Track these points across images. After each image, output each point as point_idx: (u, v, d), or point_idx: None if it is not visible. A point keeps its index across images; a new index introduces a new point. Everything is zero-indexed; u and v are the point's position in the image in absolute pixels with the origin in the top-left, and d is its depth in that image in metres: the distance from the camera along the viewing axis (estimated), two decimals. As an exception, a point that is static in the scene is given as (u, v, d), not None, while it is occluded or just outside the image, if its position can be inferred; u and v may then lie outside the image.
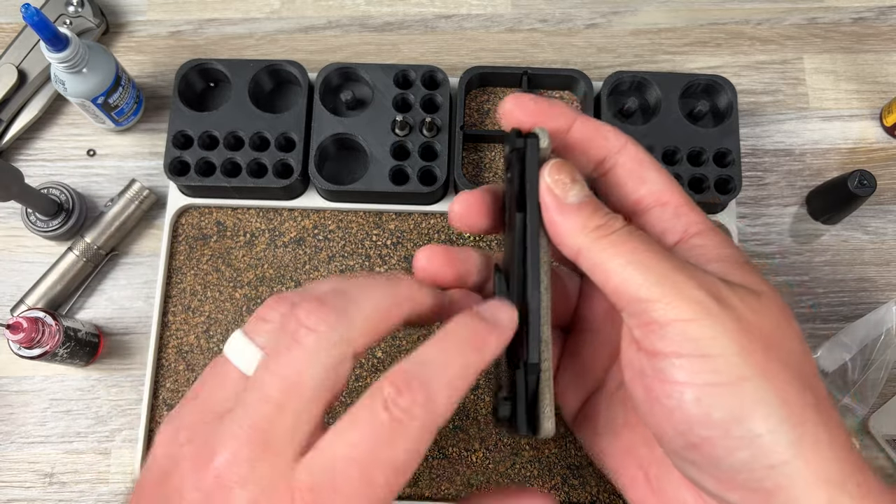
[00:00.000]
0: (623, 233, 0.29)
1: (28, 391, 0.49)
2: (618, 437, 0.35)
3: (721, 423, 0.27)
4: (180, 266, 0.49)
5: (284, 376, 0.25)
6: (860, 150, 0.54)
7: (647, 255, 0.28)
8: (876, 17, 0.56)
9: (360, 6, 0.57)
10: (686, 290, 0.27)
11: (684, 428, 0.28)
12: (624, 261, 0.28)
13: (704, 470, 0.28)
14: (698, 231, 0.31)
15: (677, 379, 0.27)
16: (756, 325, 0.27)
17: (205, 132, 0.49)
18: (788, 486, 0.26)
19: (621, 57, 0.56)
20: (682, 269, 0.28)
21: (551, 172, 0.29)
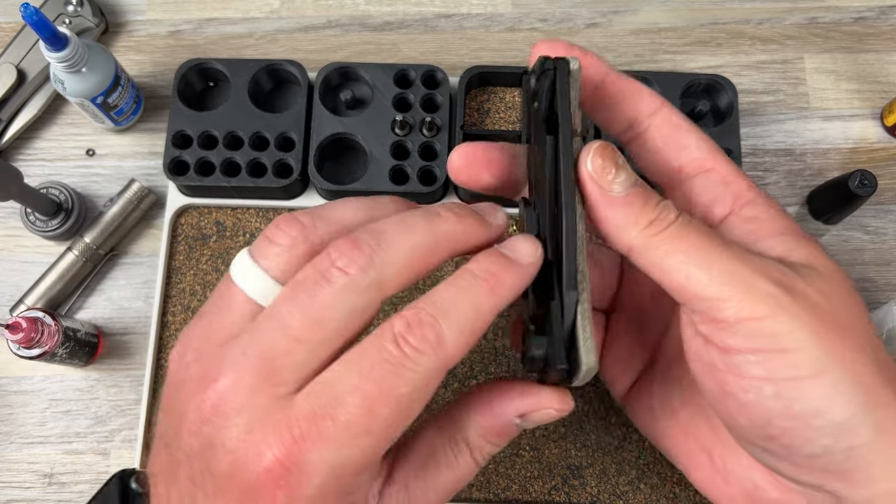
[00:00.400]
0: (678, 226, 0.27)
1: (27, 391, 0.49)
2: (676, 418, 0.33)
3: (802, 414, 0.26)
4: (180, 266, 0.49)
5: (307, 312, 0.25)
6: (861, 149, 0.54)
7: (707, 250, 0.26)
8: (877, 16, 0.56)
9: (359, 6, 0.57)
10: (756, 286, 0.26)
11: (763, 421, 0.27)
12: (684, 258, 0.26)
13: (782, 457, 0.28)
14: (749, 200, 0.29)
15: (755, 374, 0.26)
16: (829, 310, 0.26)
17: (204, 132, 0.49)
18: (868, 465, 0.26)
19: (622, 56, 0.56)
20: (747, 262, 0.26)
21: (593, 158, 0.27)
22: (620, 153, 0.28)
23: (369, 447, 0.24)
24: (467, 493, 0.46)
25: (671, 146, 0.30)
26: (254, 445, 0.24)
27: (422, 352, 0.24)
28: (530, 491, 0.46)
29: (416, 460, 0.28)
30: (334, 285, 0.25)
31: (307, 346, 0.24)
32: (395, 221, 0.26)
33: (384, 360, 0.24)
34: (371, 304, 0.25)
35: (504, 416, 0.27)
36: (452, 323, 0.25)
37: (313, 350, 0.24)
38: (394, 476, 0.28)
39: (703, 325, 0.27)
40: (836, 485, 0.27)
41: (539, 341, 0.26)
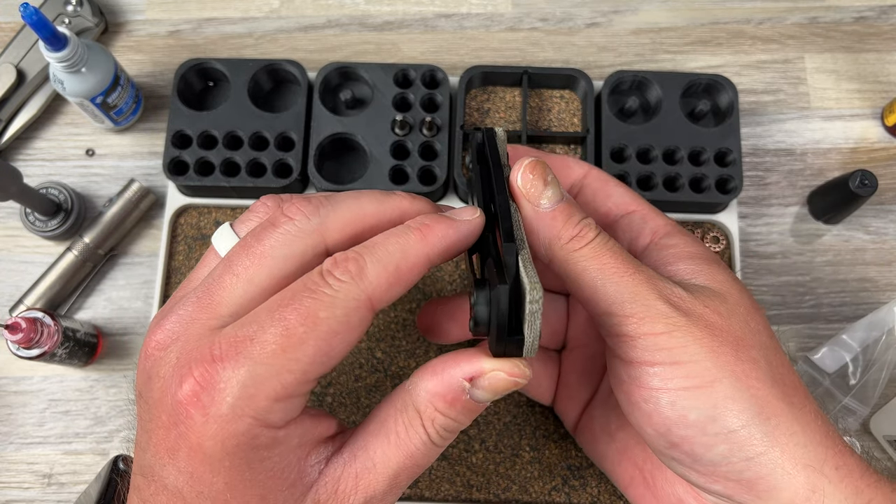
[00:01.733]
0: (595, 245, 0.30)
1: (26, 391, 0.49)
2: (613, 440, 0.36)
3: (697, 422, 0.28)
4: (179, 266, 0.49)
5: (251, 251, 0.27)
6: (861, 149, 0.54)
7: (617, 271, 0.29)
8: (877, 16, 0.56)
9: (359, 5, 0.57)
10: (655, 307, 0.28)
11: (663, 429, 0.29)
12: (596, 276, 0.29)
13: (687, 465, 0.30)
14: (667, 232, 0.33)
15: (652, 385, 0.29)
16: (724, 327, 0.29)
17: (204, 132, 0.49)
18: (767, 474, 0.28)
19: (622, 56, 0.56)
20: (652, 285, 0.29)
21: (524, 173, 0.30)
22: (550, 170, 0.30)
23: (284, 369, 0.24)
24: (467, 494, 0.46)
25: (600, 196, 0.35)
26: (178, 370, 0.25)
27: (343, 281, 0.25)
28: (530, 491, 0.46)
29: (367, 430, 0.28)
30: (278, 229, 0.27)
31: (244, 280, 0.26)
32: (352, 191, 0.29)
33: (306, 288, 0.25)
34: (311, 249, 0.27)
35: (452, 379, 0.27)
36: (376, 259, 0.26)
37: (249, 284, 0.26)
38: (344, 446, 0.28)
39: (609, 338, 0.30)
40: (743, 496, 0.29)
41: (481, 305, 0.26)
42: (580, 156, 0.51)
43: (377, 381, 0.47)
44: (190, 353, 0.25)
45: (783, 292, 0.51)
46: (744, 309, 0.30)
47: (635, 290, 0.29)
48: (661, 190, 0.48)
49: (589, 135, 0.49)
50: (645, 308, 0.28)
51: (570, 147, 0.51)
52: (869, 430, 0.48)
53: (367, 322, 0.26)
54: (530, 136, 0.50)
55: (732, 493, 0.29)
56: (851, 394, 0.47)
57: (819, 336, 0.50)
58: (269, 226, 0.27)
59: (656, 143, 0.48)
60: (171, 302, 0.28)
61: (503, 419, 0.47)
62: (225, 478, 0.24)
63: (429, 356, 0.48)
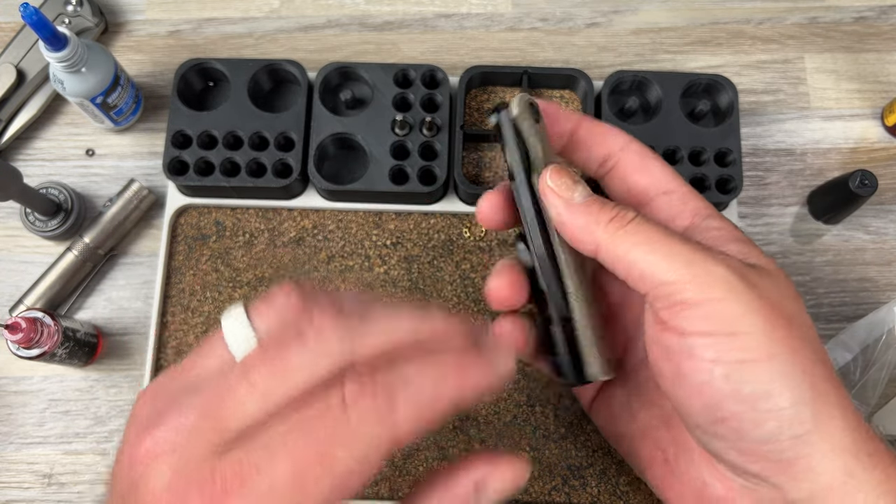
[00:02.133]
0: (638, 221, 0.29)
1: (27, 391, 0.49)
2: (634, 420, 0.35)
3: (750, 397, 0.27)
4: (179, 266, 0.49)
5: (272, 366, 0.24)
6: (861, 149, 0.54)
7: (666, 241, 0.29)
8: (877, 16, 0.56)
9: (359, 5, 0.57)
10: (714, 271, 0.28)
11: (713, 403, 0.28)
12: (646, 248, 0.29)
13: (730, 442, 0.29)
14: (707, 215, 0.32)
15: (707, 357, 0.28)
16: (778, 302, 0.28)
17: (204, 132, 0.49)
18: (808, 454, 0.27)
19: (622, 56, 0.56)
20: (705, 251, 0.29)
21: (552, 177, 0.30)
22: (576, 173, 0.31)
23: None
24: (467, 494, 0.46)
25: (637, 172, 0.33)
26: (175, 493, 0.22)
27: (367, 416, 0.22)
28: (530, 491, 0.46)
29: None
30: (306, 346, 0.24)
31: (260, 394, 0.23)
32: (386, 308, 0.26)
33: (325, 418, 0.22)
34: (336, 368, 0.24)
35: (459, 484, 0.26)
36: (407, 397, 0.23)
37: (265, 399, 0.23)
38: None
39: (664, 310, 0.29)
40: (779, 477, 0.28)
41: (556, 359, 0.31)
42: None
43: (377, 381, 0.47)
44: (189, 476, 0.22)
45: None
46: (792, 291, 0.30)
47: (691, 256, 0.28)
48: (661, 190, 0.48)
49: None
50: (704, 272, 0.28)
51: (570, 147, 0.51)
52: (869, 429, 0.48)
53: (388, 456, 0.23)
54: (530, 136, 0.50)
55: (770, 473, 0.28)
56: (852, 394, 0.47)
57: (819, 336, 0.50)
58: (295, 337, 0.24)
59: (656, 144, 0.48)
60: (165, 393, 0.25)
61: (503, 419, 0.47)
62: None
63: (429, 356, 0.48)
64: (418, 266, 0.49)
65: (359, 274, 0.49)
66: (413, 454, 0.46)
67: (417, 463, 0.46)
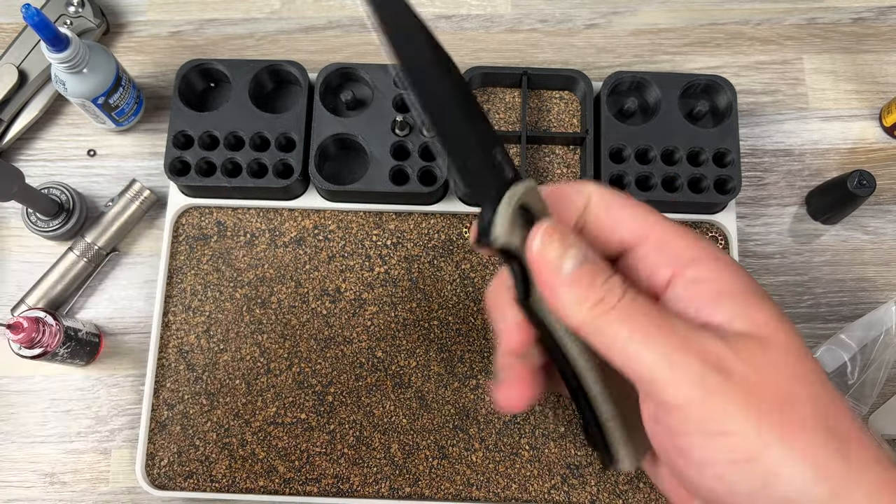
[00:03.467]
0: (623, 307, 0.28)
1: (28, 391, 0.50)
2: (662, 465, 0.34)
3: (747, 494, 0.26)
4: (181, 266, 0.49)
5: None
6: (859, 150, 0.54)
7: (647, 334, 0.27)
8: (875, 17, 0.56)
9: (360, 6, 0.57)
10: (691, 367, 0.26)
11: (712, 497, 0.27)
12: (626, 342, 0.27)
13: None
14: (691, 259, 0.29)
15: (696, 458, 0.27)
16: (767, 383, 0.26)
17: (205, 132, 0.49)
18: None
19: (621, 57, 0.56)
20: (683, 345, 0.27)
21: (542, 240, 0.28)
22: (569, 231, 0.29)
23: None
24: (467, 492, 0.46)
25: (607, 228, 0.31)
26: None
27: None
28: (530, 490, 0.46)
29: None
30: None
31: None
32: None
33: None
34: None
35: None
36: None
37: None
38: None
39: (651, 406, 0.28)
40: None
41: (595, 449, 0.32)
42: (579, 156, 0.51)
43: (377, 380, 0.48)
44: None
45: (781, 292, 0.51)
46: (791, 356, 0.27)
47: (670, 354, 0.26)
48: (660, 190, 0.48)
49: (588, 135, 0.49)
50: (682, 373, 0.26)
51: (570, 147, 0.51)
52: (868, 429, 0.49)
53: None
54: (530, 137, 0.50)
55: None
56: (850, 393, 0.47)
57: (817, 336, 0.50)
58: None
59: (655, 144, 0.49)
60: None
61: (503, 418, 0.47)
62: None
63: (429, 356, 0.48)
64: (418, 266, 0.49)
65: (359, 274, 0.49)
66: (413, 454, 0.47)
67: (417, 462, 0.47)
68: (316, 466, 0.47)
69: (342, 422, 0.47)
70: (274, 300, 0.49)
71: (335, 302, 0.49)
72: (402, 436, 0.47)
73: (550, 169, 0.51)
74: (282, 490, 0.46)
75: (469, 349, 0.48)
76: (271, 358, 0.48)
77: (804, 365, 0.27)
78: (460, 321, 0.48)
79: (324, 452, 0.47)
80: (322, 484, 0.46)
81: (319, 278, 0.49)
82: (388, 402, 0.47)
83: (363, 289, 0.49)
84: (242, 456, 0.47)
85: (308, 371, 0.48)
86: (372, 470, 0.47)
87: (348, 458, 0.47)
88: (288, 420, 0.47)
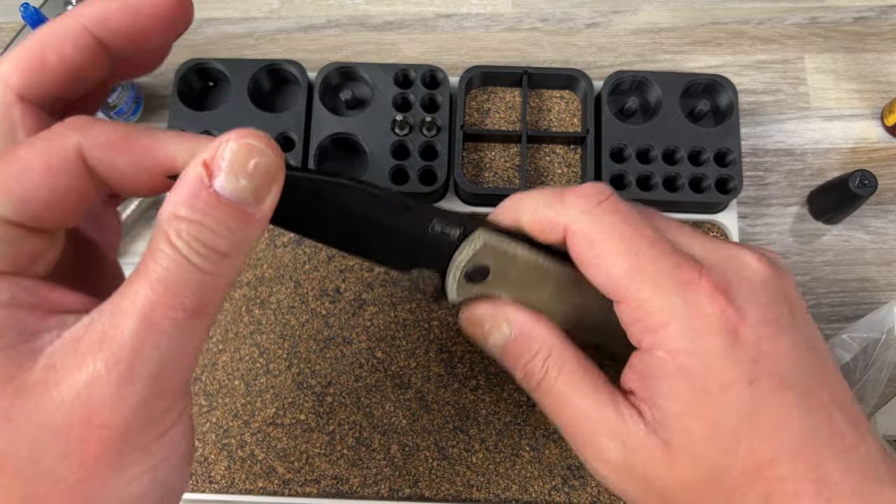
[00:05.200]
0: (545, 386, 0.30)
1: (27, 391, 0.49)
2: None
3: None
4: (179, 266, 0.49)
5: None
6: (861, 149, 0.54)
7: (569, 418, 0.30)
8: (877, 16, 0.56)
9: (359, 5, 0.57)
10: (598, 469, 0.29)
11: None
12: (555, 418, 0.31)
13: None
14: (656, 326, 0.27)
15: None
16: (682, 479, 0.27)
17: (204, 132, 0.49)
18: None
19: (622, 56, 0.56)
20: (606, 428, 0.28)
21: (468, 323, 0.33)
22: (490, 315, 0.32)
23: None
24: (467, 493, 0.46)
25: (591, 268, 0.29)
26: None
27: None
28: (530, 491, 0.46)
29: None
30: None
31: None
32: None
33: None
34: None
35: (186, 175, 0.21)
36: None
37: None
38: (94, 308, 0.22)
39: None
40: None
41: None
42: (580, 156, 0.51)
43: (377, 380, 0.47)
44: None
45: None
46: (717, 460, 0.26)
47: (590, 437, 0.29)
48: (661, 190, 0.48)
49: (589, 135, 0.49)
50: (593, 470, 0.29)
51: (570, 147, 0.51)
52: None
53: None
54: (530, 137, 0.50)
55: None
56: (852, 393, 0.47)
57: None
58: None
59: (656, 144, 0.48)
60: None
61: (503, 419, 0.47)
62: None
63: (429, 356, 0.48)
64: (418, 266, 0.49)
65: (358, 274, 0.49)
66: (413, 454, 0.47)
67: (417, 463, 0.46)
68: (315, 467, 0.46)
69: (341, 422, 0.47)
70: (273, 300, 0.49)
71: (335, 302, 0.49)
72: (401, 436, 0.47)
73: (551, 168, 0.51)
74: (281, 491, 0.46)
75: (469, 349, 0.48)
76: (270, 358, 0.48)
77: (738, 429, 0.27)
78: (460, 321, 0.48)
79: (323, 453, 0.47)
80: (321, 485, 0.46)
81: (319, 278, 0.49)
82: (388, 403, 0.47)
83: (363, 289, 0.49)
84: (241, 457, 0.47)
85: (307, 371, 0.48)
86: (371, 471, 0.46)
87: (348, 459, 0.47)
88: (287, 421, 0.47)
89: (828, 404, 0.26)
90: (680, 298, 0.26)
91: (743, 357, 0.26)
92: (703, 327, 0.26)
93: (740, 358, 0.26)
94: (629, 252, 0.27)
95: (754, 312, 0.26)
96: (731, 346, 0.26)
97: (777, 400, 0.26)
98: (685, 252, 0.28)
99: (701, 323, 0.26)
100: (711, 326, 0.26)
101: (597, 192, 0.28)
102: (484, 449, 0.47)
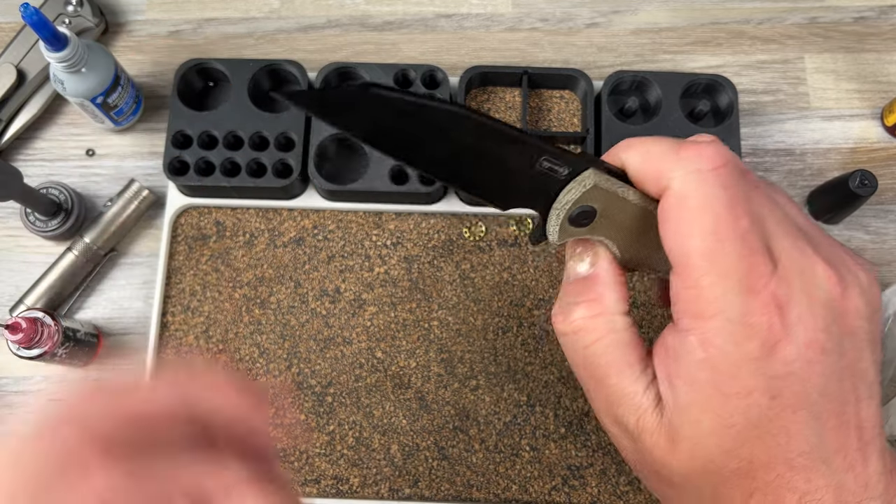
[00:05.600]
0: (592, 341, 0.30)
1: (27, 392, 0.49)
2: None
3: None
4: (179, 266, 0.49)
5: None
6: (861, 149, 0.54)
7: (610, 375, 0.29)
8: (877, 16, 0.56)
9: (359, 5, 0.57)
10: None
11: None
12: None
13: None
14: (698, 314, 0.27)
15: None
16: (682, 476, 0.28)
17: (204, 132, 0.49)
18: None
19: (622, 56, 0.56)
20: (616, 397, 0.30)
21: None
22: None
23: None
24: (467, 493, 0.46)
25: (669, 228, 0.28)
26: None
27: None
28: (530, 491, 0.46)
29: None
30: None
31: None
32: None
33: None
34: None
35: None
36: None
37: None
38: None
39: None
40: None
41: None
42: (580, 156, 0.51)
43: (377, 380, 0.47)
44: None
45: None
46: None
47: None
48: (661, 190, 0.48)
49: (589, 135, 0.49)
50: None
51: (570, 147, 0.51)
52: (869, 429, 0.48)
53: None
54: (530, 137, 0.50)
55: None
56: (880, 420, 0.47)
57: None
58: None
59: (656, 144, 0.48)
60: None
61: (503, 419, 0.47)
62: None
63: (429, 356, 0.48)
64: (418, 266, 0.49)
65: (358, 274, 0.49)
66: (413, 454, 0.47)
67: (417, 463, 0.46)
68: (315, 467, 0.46)
69: (341, 422, 0.47)
70: (273, 300, 0.49)
71: (335, 302, 0.49)
72: (401, 436, 0.47)
73: (551, 169, 0.51)
74: (281, 491, 0.46)
75: (469, 349, 0.48)
76: (270, 358, 0.48)
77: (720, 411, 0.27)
78: (460, 321, 0.48)
79: (323, 453, 0.47)
80: (321, 485, 0.46)
81: (319, 278, 0.49)
82: (388, 403, 0.47)
83: (363, 289, 0.49)
84: (241, 457, 0.47)
85: (307, 371, 0.48)
86: (371, 471, 0.46)
87: (348, 459, 0.47)
88: (287, 421, 0.47)
89: (845, 427, 0.26)
90: (737, 301, 0.26)
91: (771, 372, 0.26)
92: (745, 334, 0.26)
93: (768, 372, 0.26)
94: (715, 236, 0.26)
95: (803, 333, 0.26)
96: (763, 359, 0.26)
97: (792, 417, 0.26)
98: (766, 252, 0.26)
99: (744, 329, 0.26)
100: (753, 335, 0.26)
101: (715, 155, 0.27)
102: (484, 449, 0.46)
